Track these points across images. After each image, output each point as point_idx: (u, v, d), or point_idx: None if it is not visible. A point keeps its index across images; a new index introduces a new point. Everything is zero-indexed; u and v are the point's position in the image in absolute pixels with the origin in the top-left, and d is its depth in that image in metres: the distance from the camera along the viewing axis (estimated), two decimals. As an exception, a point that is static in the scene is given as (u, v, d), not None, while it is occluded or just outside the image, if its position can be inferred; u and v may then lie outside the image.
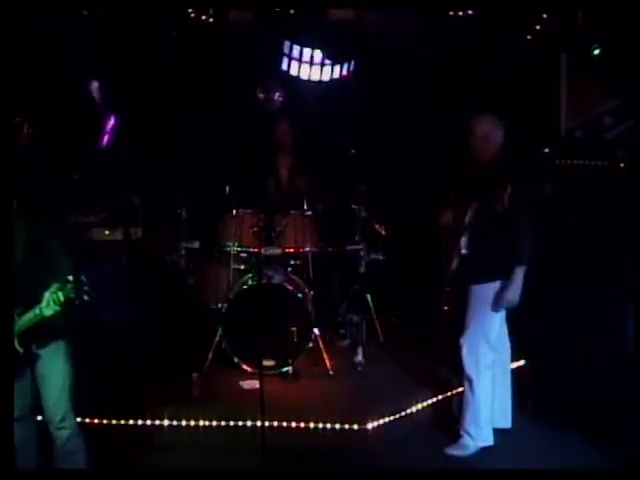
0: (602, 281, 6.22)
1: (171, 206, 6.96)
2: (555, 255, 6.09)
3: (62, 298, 4.05)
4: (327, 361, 6.46)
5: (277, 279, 6.54)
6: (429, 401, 6.01)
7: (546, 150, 7.18)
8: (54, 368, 4.41)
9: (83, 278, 4.06)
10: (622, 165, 6.96)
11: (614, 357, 6.02)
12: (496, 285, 5.26)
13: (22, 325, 4.19)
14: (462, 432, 5.40)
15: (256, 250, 6.53)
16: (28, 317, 4.16)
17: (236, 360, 6.37)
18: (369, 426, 5.60)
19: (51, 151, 6.76)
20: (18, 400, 4.32)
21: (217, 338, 6.42)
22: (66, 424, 4.44)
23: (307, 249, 6.75)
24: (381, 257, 7.25)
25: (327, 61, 8.25)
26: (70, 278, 4.03)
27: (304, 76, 8.25)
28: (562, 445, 5.40)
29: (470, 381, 5.37)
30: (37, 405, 4.47)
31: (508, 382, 5.59)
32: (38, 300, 4.11)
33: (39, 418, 4.51)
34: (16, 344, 4.23)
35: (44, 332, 4.28)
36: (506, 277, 5.24)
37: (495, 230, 5.21)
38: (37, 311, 4.11)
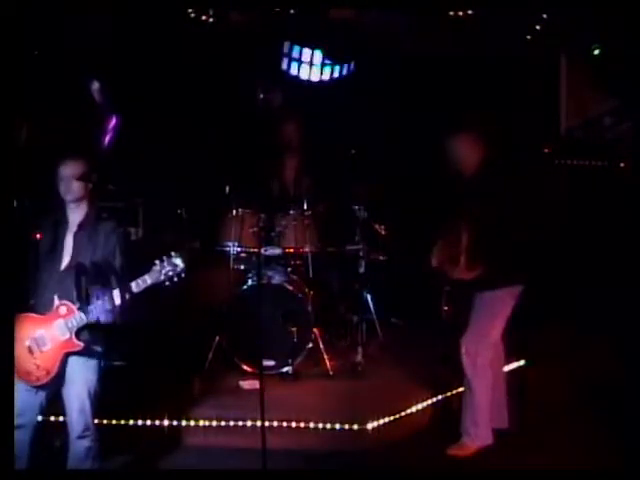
0: (603, 281, 6.24)
1: (171, 206, 6.96)
2: (555, 255, 6.09)
3: (149, 281, 4.23)
4: (327, 361, 6.46)
5: (277, 279, 6.54)
6: (429, 401, 6.01)
7: (546, 150, 7.18)
8: (83, 376, 4.45)
9: (178, 261, 4.19)
10: (622, 165, 6.96)
11: (614, 356, 6.03)
12: (502, 291, 5.27)
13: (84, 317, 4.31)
14: (462, 432, 5.40)
15: (256, 250, 6.53)
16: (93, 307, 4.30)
17: (236, 360, 6.38)
18: (369, 426, 5.61)
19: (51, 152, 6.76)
20: (30, 401, 4.38)
21: (217, 338, 6.42)
22: (88, 433, 4.48)
23: (307, 249, 6.75)
24: (381, 257, 7.25)
25: (327, 61, 8.25)
26: (157, 261, 4.22)
27: (304, 76, 8.24)
28: (561, 445, 5.40)
29: (470, 381, 5.37)
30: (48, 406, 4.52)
31: (504, 382, 5.59)
32: (91, 297, 4.27)
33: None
34: (73, 338, 4.30)
35: (92, 334, 4.39)
36: (511, 282, 5.24)
37: (497, 238, 5.18)
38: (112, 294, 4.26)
